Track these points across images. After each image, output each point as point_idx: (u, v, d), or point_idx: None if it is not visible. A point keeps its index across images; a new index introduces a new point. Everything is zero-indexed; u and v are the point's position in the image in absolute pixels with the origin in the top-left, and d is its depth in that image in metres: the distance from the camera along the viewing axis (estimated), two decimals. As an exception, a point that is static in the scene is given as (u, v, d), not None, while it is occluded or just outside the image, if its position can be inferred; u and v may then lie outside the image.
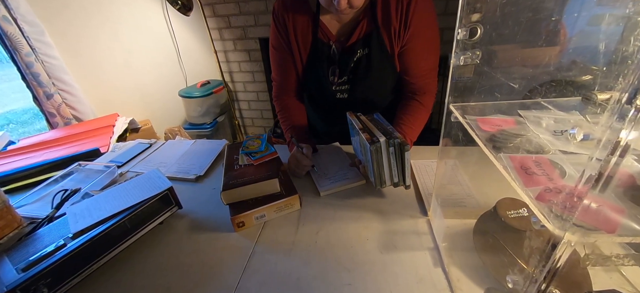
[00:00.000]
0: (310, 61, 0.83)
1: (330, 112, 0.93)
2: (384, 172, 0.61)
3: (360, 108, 0.77)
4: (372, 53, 0.76)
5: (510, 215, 0.47)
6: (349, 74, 0.81)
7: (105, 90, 1.78)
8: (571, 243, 0.22)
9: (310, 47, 0.81)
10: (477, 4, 0.37)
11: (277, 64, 0.86)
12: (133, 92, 1.97)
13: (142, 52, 2.01)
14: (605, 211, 0.23)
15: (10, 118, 2.47)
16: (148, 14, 2.04)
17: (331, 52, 0.80)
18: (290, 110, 0.89)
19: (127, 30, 1.89)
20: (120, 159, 0.94)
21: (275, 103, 0.91)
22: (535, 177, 0.28)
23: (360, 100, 0.84)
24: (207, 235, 0.62)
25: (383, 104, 0.88)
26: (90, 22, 1.67)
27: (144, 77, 2.04)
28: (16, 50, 1.30)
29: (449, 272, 0.49)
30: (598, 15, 0.38)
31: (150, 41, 2.07)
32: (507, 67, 0.45)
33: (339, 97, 0.85)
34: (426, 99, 0.80)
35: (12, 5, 1.25)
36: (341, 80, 0.82)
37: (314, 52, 0.81)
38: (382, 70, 0.78)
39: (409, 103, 0.80)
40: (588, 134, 0.25)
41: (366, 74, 0.79)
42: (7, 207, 0.62)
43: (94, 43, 1.69)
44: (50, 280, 0.48)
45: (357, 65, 0.79)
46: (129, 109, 1.91)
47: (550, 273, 0.25)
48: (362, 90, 0.82)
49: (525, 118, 0.40)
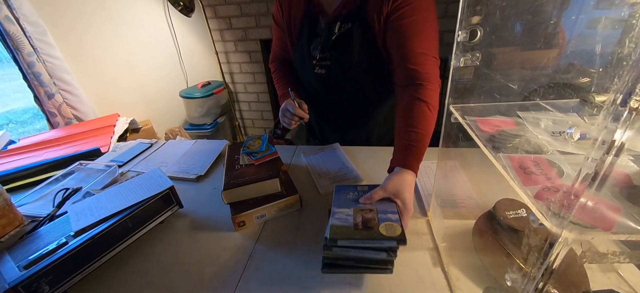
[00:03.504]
0: (299, 35, 0.84)
1: (310, 95, 0.93)
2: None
3: (337, 87, 0.77)
4: (354, 28, 0.74)
5: (509, 215, 0.48)
6: (330, 50, 0.80)
7: (106, 90, 1.78)
8: (568, 241, 0.23)
9: (300, 20, 0.82)
10: (477, 6, 0.38)
11: (276, 36, 0.93)
12: (134, 93, 1.98)
13: (143, 53, 2.02)
14: (601, 209, 0.23)
15: (10, 117, 2.47)
16: (150, 14, 2.05)
17: (318, 27, 0.80)
18: (286, 70, 0.94)
19: (129, 31, 1.90)
20: (121, 159, 0.95)
21: (271, 65, 0.97)
22: (533, 176, 0.28)
23: (338, 77, 0.82)
24: (208, 234, 0.62)
25: (359, 86, 0.83)
26: (92, 23, 1.67)
27: (145, 77, 2.04)
28: (18, 49, 1.31)
29: (448, 271, 0.49)
30: (596, 19, 0.39)
31: (151, 42, 2.07)
32: (507, 69, 0.46)
33: (317, 72, 0.84)
34: (425, 92, 0.64)
35: (15, 5, 1.26)
36: (323, 56, 0.81)
37: (302, 25, 0.82)
38: (363, 47, 0.75)
39: (407, 105, 0.65)
40: (585, 134, 0.25)
41: (345, 49, 0.77)
42: (8, 205, 0.62)
43: (95, 43, 1.70)
44: (51, 278, 0.48)
45: (339, 41, 0.78)
46: (129, 109, 1.91)
47: (548, 271, 0.26)
48: (340, 67, 0.79)
49: (524, 119, 0.41)
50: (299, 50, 0.86)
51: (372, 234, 0.44)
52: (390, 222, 0.46)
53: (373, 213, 0.49)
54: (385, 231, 0.44)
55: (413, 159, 0.59)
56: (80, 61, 1.62)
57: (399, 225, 0.45)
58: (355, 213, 0.50)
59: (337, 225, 0.46)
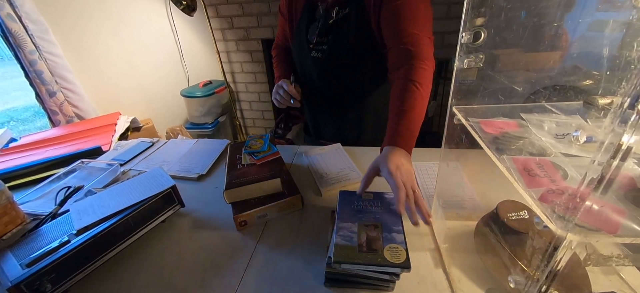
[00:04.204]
0: (299, 20, 0.86)
1: (306, 83, 0.92)
2: None
3: (332, 72, 0.79)
4: (351, 13, 0.75)
5: (511, 217, 0.48)
6: (327, 34, 0.81)
7: (107, 89, 1.79)
8: (573, 244, 0.23)
9: (302, 6, 0.84)
10: (481, 8, 0.38)
11: (281, 28, 0.96)
12: (135, 91, 1.98)
13: (145, 52, 2.02)
14: (607, 212, 0.23)
15: (11, 115, 2.47)
16: (152, 13, 2.05)
17: (317, 12, 0.82)
18: (286, 56, 0.97)
19: (130, 30, 1.90)
20: (122, 157, 0.95)
21: (273, 52, 1.01)
22: (537, 178, 0.28)
23: (333, 61, 0.82)
24: (210, 233, 0.62)
25: (354, 73, 0.84)
26: (94, 21, 1.67)
27: (146, 76, 2.05)
28: (20, 47, 1.31)
29: (449, 273, 0.49)
30: (599, 21, 0.39)
31: (153, 41, 2.07)
32: (510, 71, 0.46)
33: (314, 55, 0.84)
34: (417, 72, 0.64)
35: (17, 3, 1.26)
36: (320, 40, 0.83)
37: (303, 11, 0.84)
38: (359, 31, 0.76)
39: (400, 87, 0.65)
40: (591, 137, 0.25)
41: (342, 34, 0.77)
42: (10, 203, 0.62)
43: (97, 42, 1.70)
44: (54, 276, 0.48)
45: (335, 25, 0.79)
46: (130, 107, 1.91)
47: (552, 273, 0.26)
48: (335, 51, 0.80)
49: (528, 121, 0.41)
50: (297, 35, 0.88)
51: (376, 259, 0.44)
52: (395, 244, 0.46)
53: (378, 232, 0.49)
54: (389, 256, 0.44)
55: (401, 138, 0.60)
56: (81, 59, 1.62)
57: (403, 248, 0.46)
58: (359, 230, 0.50)
59: (341, 246, 0.47)
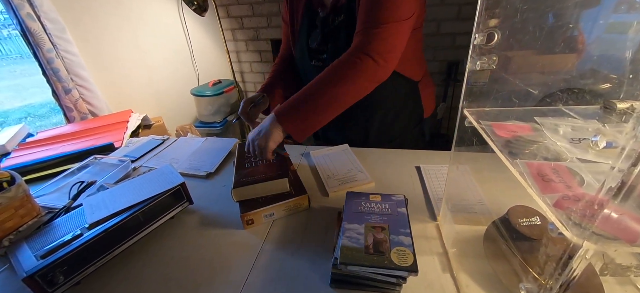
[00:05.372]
0: (300, 28, 0.85)
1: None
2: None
3: None
4: (343, 20, 0.75)
5: (523, 223, 0.47)
6: (327, 43, 0.80)
7: (120, 87, 1.83)
8: (590, 252, 0.22)
9: (302, 13, 0.83)
10: (495, 9, 0.37)
11: (284, 36, 0.95)
12: (147, 90, 2.02)
13: (157, 51, 2.06)
14: (626, 221, 0.22)
15: (28, 111, 2.55)
16: (164, 14, 2.09)
17: (317, 19, 0.81)
18: (282, 68, 0.95)
19: (143, 30, 1.94)
20: (134, 154, 0.97)
21: (273, 66, 0.99)
22: (552, 184, 0.28)
23: None
24: (217, 231, 0.63)
25: None
26: (109, 21, 1.72)
27: (157, 75, 2.08)
28: (38, 46, 1.35)
29: (457, 278, 0.48)
30: (618, 23, 0.38)
31: (165, 40, 2.11)
32: (523, 73, 0.45)
33: (314, 64, 0.84)
34: (341, 60, 0.66)
35: (36, 3, 1.30)
36: (320, 48, 0.82)
37: (303, 18, 0.83)
38: (351, 37, 0.73)
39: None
40: (611, 142, 0.24)
41: (339, 42, 0.77)
42: (27, 195, 0.64)
43: (111, 41, 1.74)
44: (66, 268, 0.49)
45: (334, 33, 0.78)
46: (142, 105, 1.95)
47: (566, 283, 0.25)
48: (334, 59, 0.76)
49: (542, 125, 0.39)
50: (299, 44, 0.87)
51: (383, 261, 0.44)
52: (402, 247, 0.46)
53: (385, 234, 0.49)
54: (397, 259, 0.44)
55: (283, 110, 0.66)
56: (96, 58, 1.66)
57: (410, 251, 0.45)
58: (366, 231, 0.49)
59: (347, 247, 0.46)
